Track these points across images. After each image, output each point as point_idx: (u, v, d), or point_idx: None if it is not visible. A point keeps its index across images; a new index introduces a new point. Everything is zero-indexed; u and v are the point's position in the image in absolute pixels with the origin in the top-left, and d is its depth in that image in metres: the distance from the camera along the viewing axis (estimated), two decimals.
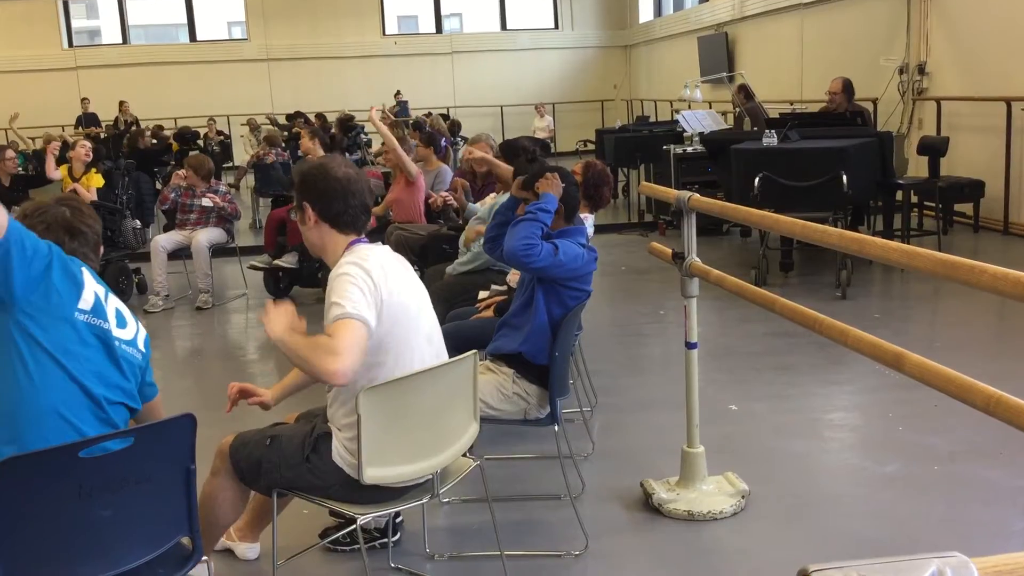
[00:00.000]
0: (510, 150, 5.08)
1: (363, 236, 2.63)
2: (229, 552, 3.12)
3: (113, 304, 2.36)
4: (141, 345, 2.42)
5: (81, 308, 2.25)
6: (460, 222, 5.76)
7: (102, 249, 2.62)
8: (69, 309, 2.22)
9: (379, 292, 2.41)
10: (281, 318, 2.30)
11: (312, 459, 2.53)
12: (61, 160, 8.10)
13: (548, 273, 3.24)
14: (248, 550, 3.09)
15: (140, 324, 2.46)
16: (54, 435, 2.17)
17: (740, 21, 14.52)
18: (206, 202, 7.24)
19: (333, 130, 12.03)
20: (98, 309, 2.28)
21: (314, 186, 2.59)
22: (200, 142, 14.98)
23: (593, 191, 4.11)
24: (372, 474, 2.43)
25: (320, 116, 15.10)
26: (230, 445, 2.70)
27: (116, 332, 2.32)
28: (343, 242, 2.59)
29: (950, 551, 0.73)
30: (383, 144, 6.86)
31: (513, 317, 3.39)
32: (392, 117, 12.63)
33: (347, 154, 10.85)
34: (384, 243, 6.43)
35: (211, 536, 2.73)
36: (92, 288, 2.29)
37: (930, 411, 4.06)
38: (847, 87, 8.06)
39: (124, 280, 7.39)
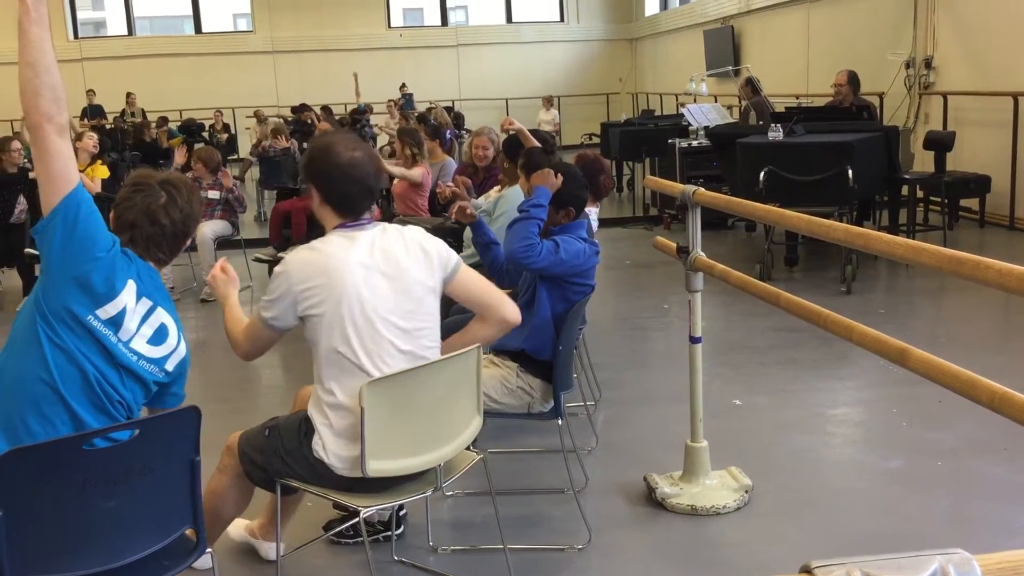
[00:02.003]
0: (512, 147, 5.07)
1: (362, 219, 2.58)
2: (245, 546, 3.12)
3: (158, 320, 2.34)
4: (170, 366, 2.38)
5: (98, 315, 2.24)
6: None
7: (189, 241, 2.57)
8: (85, 310, 2.22)
9: (294, 296, 2.46)
10: (224, 286, 2.80)
11: (305, 444, 2.54)
12: None
13: (550, 272, 3.24)
14: (271, 549, 3.05)
15: (183, 345, 2.42)
16: (53, 414, 2.18)
17: (746, 14, 14.48)
18: (212, 194, 7.25)
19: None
20: (115, 321, 2.26)
21: (317, 168, 2.58)
22: (205, 134, 15.00)
23: (590, 181, 4.10)
24: (375, 467, 2.43)
25: (325, 108, 15.10)
26: (237, 442, 2.71)
27: (137, 346, 2.29)
28: (332, 224, 2.58)
29: (953, 547, 0.73)
30: (390, 139, 6.86)
31: None
32: (397, 111, 12.62)
33: None
34: None
35: (215, 530, 2.74)
36: (124, 302, 2.27)
37: (934, 407, 4.05)
38: (852, 79, 8.03)
39: None
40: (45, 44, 2.19)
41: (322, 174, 2.56)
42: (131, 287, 2.30)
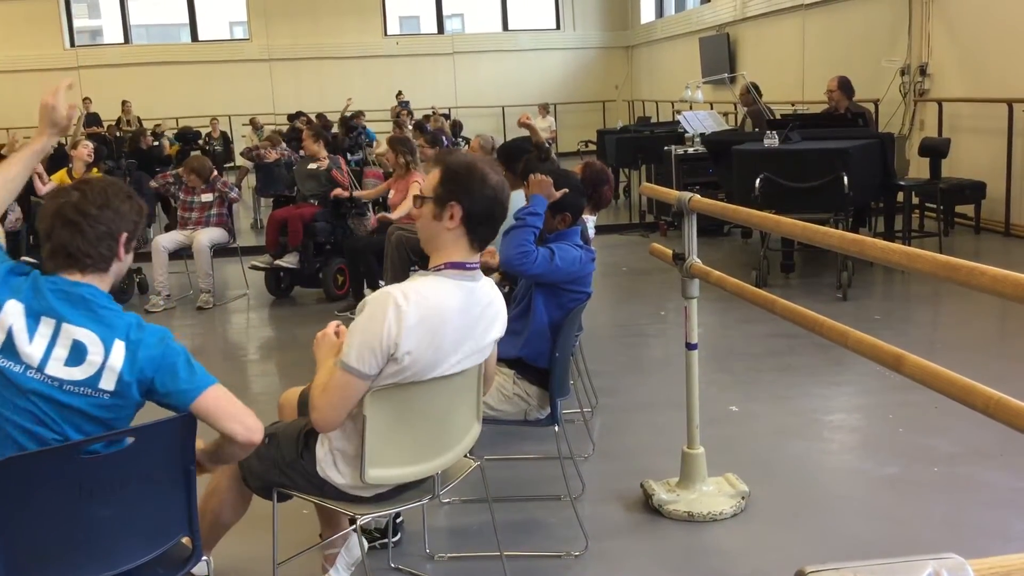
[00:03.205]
0: (509, 153, 5.07)
1: (475, 258, 2.46)
2: (230, 551, 3.11)
3: (69, 337, 2.07)
4: (107, 384, 2.08)
5: None
6: None
7: (124, 236, 2.22)
8: None
9: (392, 344, 2.29)
10: (330, 350, 2.48)
11: (306, 456, 2.53)
12: (62, 161, 8.12)
13: (546, 279, 3.25)
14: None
15: (115, 358, 2.09)
16: None
17: (742, 22, 14.52)
18: (206, 197, 7.27)
19: (334, 129, 12.04)
20: (9, 348, 2.05)
21: (465, 185, 2.40)
22: (201, 142, 15.01)
23: (592, 191, 4.11)
24: (374, 475, 2.43)
25: (321, 116, 15.11)
26: None
27: (54, 371, 2.05)
28: (448, 256, 2.42)
29: (947, 552, 0.73)
30: (386, 144, 6.85)
31: (511, 322, 3.38)
32: (403, 116, 12.62)
33: (348, 154, 10.86)
34: (386, 243, 6.36)
35: (212, 536, 2.73)
36: (6, 324, 2.05)
37: (930, 413, 4.06)
38: (843, 85, 8.03)
39: (125, 280, 7.40)
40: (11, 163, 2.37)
41: (469, 191, 2.39)
42: (13, 307, 2.07)
